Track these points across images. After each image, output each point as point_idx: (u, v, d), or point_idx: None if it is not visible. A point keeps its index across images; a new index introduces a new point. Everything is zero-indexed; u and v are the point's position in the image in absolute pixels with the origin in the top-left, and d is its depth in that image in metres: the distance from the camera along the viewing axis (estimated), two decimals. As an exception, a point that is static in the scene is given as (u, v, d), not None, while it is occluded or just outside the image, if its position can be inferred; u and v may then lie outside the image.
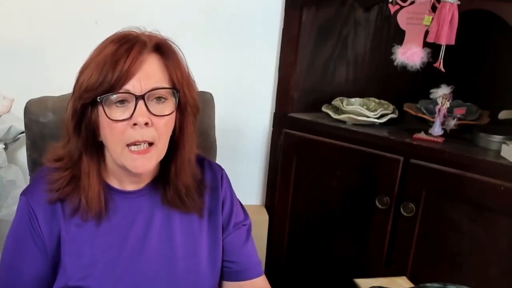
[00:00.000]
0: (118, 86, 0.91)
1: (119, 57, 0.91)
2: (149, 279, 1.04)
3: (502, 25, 1.42)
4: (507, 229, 1.47)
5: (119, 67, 0.91)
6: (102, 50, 0.94)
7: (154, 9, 1.80)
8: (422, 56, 1.52)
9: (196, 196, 1.07)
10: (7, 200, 1.66)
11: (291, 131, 1.79)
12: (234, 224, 1.13)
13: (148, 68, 0.93)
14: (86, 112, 0.96)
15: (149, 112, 0.93)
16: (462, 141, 1.61)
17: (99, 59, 0.92)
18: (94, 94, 0.92)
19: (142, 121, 0.92)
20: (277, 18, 1.84)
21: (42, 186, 1.01)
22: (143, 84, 0.92)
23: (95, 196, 0.99)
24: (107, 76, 0.91)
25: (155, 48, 0.96)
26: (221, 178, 1.14)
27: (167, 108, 0.96)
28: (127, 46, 0.92)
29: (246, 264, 1.14)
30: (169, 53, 0.97)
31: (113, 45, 0.93)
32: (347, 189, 1.71)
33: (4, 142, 1.70)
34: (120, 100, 0.93)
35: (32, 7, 1.75)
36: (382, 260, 1.67)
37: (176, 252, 1.06)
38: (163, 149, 0.98)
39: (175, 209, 1.06)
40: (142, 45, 0.94)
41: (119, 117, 0.93)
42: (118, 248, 1.02)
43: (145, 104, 0.92)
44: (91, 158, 0.99)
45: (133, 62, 0.91)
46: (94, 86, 0.92)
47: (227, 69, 1.90)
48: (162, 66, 0.96)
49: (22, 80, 1.77)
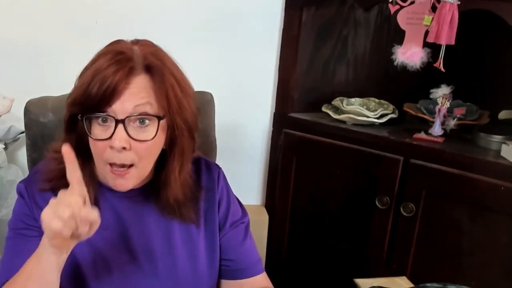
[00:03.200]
0: (102, 105, 0.91)
1: (106, 76, 0.90)
2: (148, 277, 1.04)
3: (502, 25, 1.41)
4: (507, 229, 1.47)
5: (104, 86, 0.90)
6: (96, 60, 0.94)
7: (154, 9, 1.80)
8: (422, 56, 1.52)
9: (190, 208, 1.06)
10: (7, 200, 1.66)
11: (291, 131, 1.79)
12: (232, 223, 1.13)
13: (134, 90, 0.92)
14: (76, 121, 0.96)
15: (128, 136, 0.92)
16: (462, 141, 1.61)
17: (89, 73, 0.92)
18: (79, 108, 0.93)
19: (119, 145, 0.91)
20: (277, 18, 1.84)
21: (38, 175, 1.02)
22: (126, 107, 0.91)
23: None
24: (91, 94, 0.90)
25: (146, 69, 0.94)
26: (217, 177, 1.13)
27: (149, 132, 0.94)
28: (116, 67, 0.91)
29: (245, 262, 1.14)
30: (158, 78, 0.94)
31: (104, 61, 0.92)
32: (347, 189, 1.71)
33: (4, 142, 1.70)
34: (103, 123, 0.93)
35: (32, 7, 1.74)
36: (382, 260, 1.67)
37: (174, 251, 1.06)
38: (144, 168, 0.98)
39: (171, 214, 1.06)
40: (131, 67, 0.92)
41: (100, 136, 0.93)
42: (110, 246, 1.02)
43: (125, 128, 0.91)
44: (83, 162, 0.98)
45: (119, 83, 0.90)
46: (79, 101, 0.92)
47: (227, 69, 1.90)
48: (149, 88, 0.94)
49: (22, 80, 1.77)
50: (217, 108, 1.43)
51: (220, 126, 1.47)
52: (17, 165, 1.75)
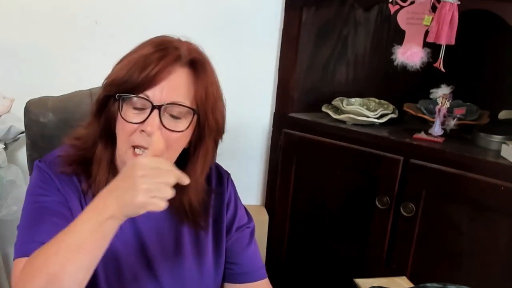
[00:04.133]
0: (140, 89, 0.92)
1: (150, 61, 0.91)
2: (154, 275, 1.04)
3: (502, 25, 1.41)
4: (507, 229, 1.47)
5: (147, 71, 0.90)
6: (139, 49, 0.95)
7: (154, 9, 1.80)
8: (422, 56, 1.52)
9: (201, 215, 1.06)
10: (7, 200, 1.66)
11: (291, 131, 1.79)
12: (238, 227, 1.13)
13: (174, 81, 0.93)
14: (108, 103, 0.97)
15: (161, 124, 0.92)
16: (462, 141, 1.61)
17: (133, 58, 0.93)
18: (116, 89, 0.93)
19: (150, 130, 0.91)
20: (277, 18, 1.84)
21: (57, 159, 1.01)
22: (164, 95, 0.92)
23: (102, 182, 0.98)
24: (133, 76, 0.91)
25: (189, 63, 0.95)
26: (226, 182, 1.14)
27: (182, 125, 0.95)
28: (161, 54, 0.92)
29: (249, 267, 1.14)
30: (201, 72, 0.96)
31: (150, 47, 0.93)
32: (347, 189, 1.71)
33: (4, 142, 1.70)
34: (138, 106, 0.93)
35: (32, 7, 1.74)
36: (382, 260, 1.67)
37: (183, 251, 1.06)
38: (168, 159, 0.96)
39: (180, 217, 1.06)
40: (177, 57, 0.93)
41: (132, 119, 0.93)
42: (122, 240, 1.01)
43: (160, 115, 0.92)
44: (105, 147, 0.99)
45: (161, 70, 0.91)
46: (119, 82, 0.93)
47: (227, 69, 1.88)
48: (190, 83, 0.95)
49: (22, 80, 1.77)
50: (217, 108, 1.43)
51: (220, 126, 1.47)
52: (17, 165, 1.75)
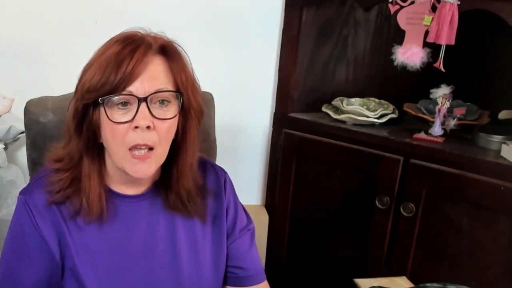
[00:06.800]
0: (121, 87, 0.90)
1: (123, 57, 0.89)
2: (154, 283, 1.04)
3: (502, 25, 1.41)
4: (507, 229, 1.47)
5: (123, 68, 0.89)
6: (106, 50, 0.92)
7: (154, 9, 1.80)
8: (422, 56, 1.52)
9: (198, 200, 1.06)
10: (7, 200, 1.66)
11: (291, 131, 1.79)
12: (240, 230, 1.13)
13: (152, 70, 0.92)
14: (87, 112, 0.94)
15: (151, 115, 0.91)
16: (462, 141, 1.61)
17: (103, 59, 0.91)
18: (96, 94, 0.90)
19: (144, 124, 0.90)
20: (277, 18, 1.84)
21: (41, 187, 0.99)
22: (146, 86, 0.91)
23: (96, 198, 0.97)
24: (110, 77, 0.89)
25: (160, 50, 0.94)
26: (224, 182, 1.13)
27: (170, 112, 0.94)
28: (131, 47, 0.91)
29: (252, 270, 1.14)
30: (174, 56, 0.95)
31: (118, 45, 0.91)
32: (347, 189, 1.71)
33: (4, 142, 1.70)
34: (122, 102, 0.91)
35: (32, 7, 1.75)
36: (382, 260, 1.67)
37: (180, 256, 1.06)
38: (163, 154, 0.97)
39: (177, 213, 1.05)
40: (147, 47, 0.92)
41: (121, 119, 0.91)
42: (119, 252, 1.02)
43: (148, 107, 0.91)
44: (92, 160, 0.97)
45: (137, 63, 0.90)
46: (96, 87, 0.90)
47: (227, 69, 1.90)
48: (167, 69, 0.94)
49: (22, 80, 1.77)
50: (217, 108, 1.43)
51: (220, 126, 1.47)
52: (17, 165, 1.75)
